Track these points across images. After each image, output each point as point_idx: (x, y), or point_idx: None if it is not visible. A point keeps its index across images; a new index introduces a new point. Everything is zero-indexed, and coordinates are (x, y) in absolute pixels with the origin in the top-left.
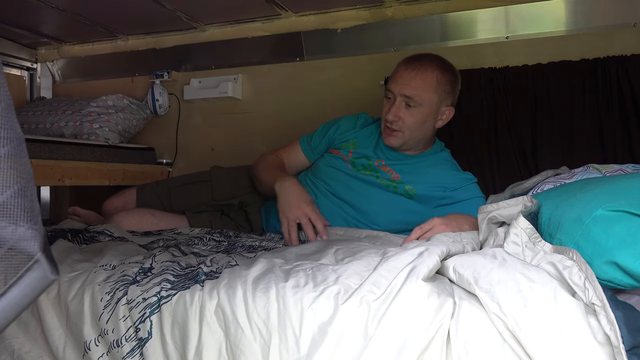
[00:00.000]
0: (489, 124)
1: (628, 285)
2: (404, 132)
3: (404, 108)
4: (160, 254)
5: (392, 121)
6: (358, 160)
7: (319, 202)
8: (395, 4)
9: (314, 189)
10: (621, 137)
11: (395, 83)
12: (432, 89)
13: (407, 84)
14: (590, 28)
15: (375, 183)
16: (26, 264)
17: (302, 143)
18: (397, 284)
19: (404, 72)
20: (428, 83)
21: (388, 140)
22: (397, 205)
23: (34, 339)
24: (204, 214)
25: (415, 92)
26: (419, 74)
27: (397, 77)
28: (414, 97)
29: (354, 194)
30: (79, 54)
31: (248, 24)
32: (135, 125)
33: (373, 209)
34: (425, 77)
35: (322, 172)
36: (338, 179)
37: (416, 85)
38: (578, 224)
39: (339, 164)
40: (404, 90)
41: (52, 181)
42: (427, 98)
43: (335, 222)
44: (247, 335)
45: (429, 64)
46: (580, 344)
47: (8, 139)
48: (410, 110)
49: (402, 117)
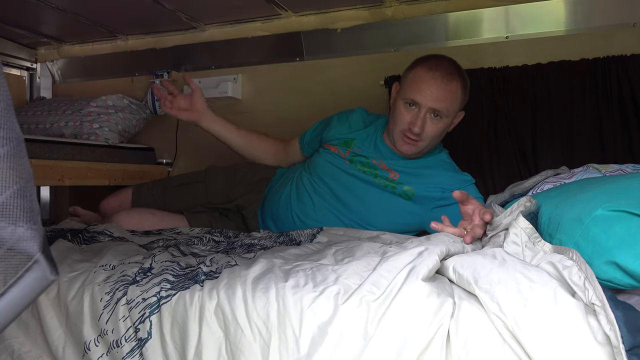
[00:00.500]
0: (489, 124)
1: (628, 285)
2: (425, 142)
3: (428, 119)
4: (160, 254)
5: (418, 133)
6: (356, 158)
7: (315, 202)
8: (395, 4)
9: (309, 189)
10: (621, 137)
11: (422, 95)
12: (458, 99)
13: (437, 99)
14: (590, 28)
15: (374, 183)
16: (26, 264)
17: (299, 138)
18: (396, 284)
19: (432, 83)
20: (455, 95)
21: (406, 148)
22: (395, 206)
23: (34, 339)
24: (202, 214)
25: (445, 106)
26: (447, 87)
27: (423, 88)
28: (442, 111)
29: (351, 195)
30: (79, 54)
31: (248, 24)
32: (135, 125)
33: (370, 209)
34: (452, 89)
35: (319, 168)
36: (335, 177)
37: (446, 99)
38: (578, 224)
39: (336, 160)
40: (435, 104)
41: (52, 181)
42: (453, 110)
43: (331, 223)
44: (247, 336)
45: (452, 73)
46: (580, 344)
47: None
48: (434, 121)
49: (425, 129)
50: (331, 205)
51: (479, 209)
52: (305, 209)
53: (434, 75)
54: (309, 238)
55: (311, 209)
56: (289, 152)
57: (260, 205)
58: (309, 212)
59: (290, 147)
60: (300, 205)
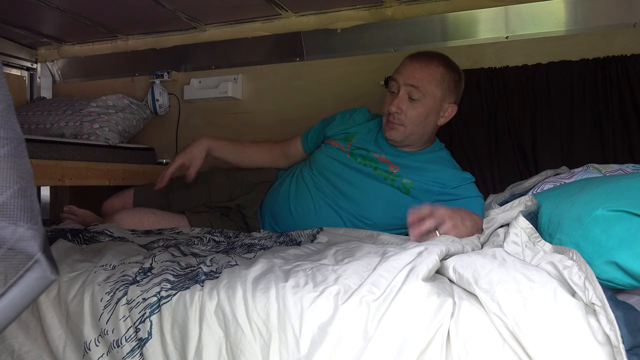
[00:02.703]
0: (489, 124)
1: (628, 285)
2: (406, 126)
3: (407, 101)
4: (160, 254)
5: (394, 113)
6: (357, 151)
7: (313, 195)
8: (395, 4)
9: (309, 183)
10: (621, 137)
11: (399, 74)
12: (437, 82)
13: (412, 75)
14: (590, 28)
15: (373, 175)
16: (26, 264)
17: (302, 136)
18: (396, 284)
19: (410, 64)
20: (432, 76)
21: (390, 134)
22: (393, 199)
23: (34, 339)
24: (203, 214)
25: (419, 83)
26: (425, 67)
27: (402, 69)
28: (418, 87)
29: (350, 186)
30: (79, 54)
31: (248, 24)
32: (135, 125)
33: (368, 201)
34: (430, 70)
35: (320, 163)
36: (335, 170)
37: (421, 77)
38: (578, 223)
39: (337, 154)
40: (408, 79)
41: (52, 181)
42: (431, 91)
43: (329, 219)
44: (247, 336)
45: (434, 59)
46: (580, 344)
47: (8, 139)
48: (413, 104)
49: (404, 111)
50: (329, 199)
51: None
52: (303, 202)
53: (414, 60)
54: (309, 238)
55: (310, 202)
56: (289, 151)
57: (260, 205)
58: (307, 205)
59: (290, 146)
60: (299, 198)
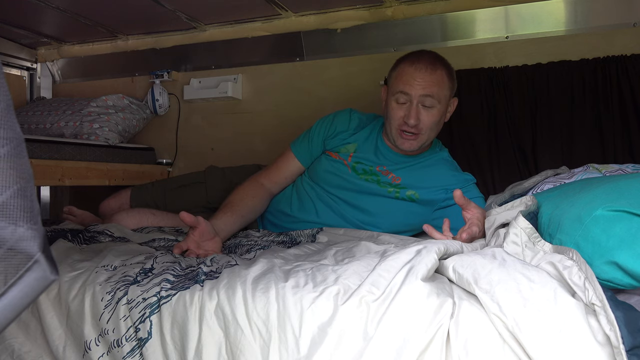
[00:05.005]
0: (489, 124)
1: (628, 285)
2: (423, 134)
3: (422, 110)
4: (162, 256)
5: (414, 125)
6: (358, 165)
7: (318, 209)
8: (395, 4)
9: (311, 194)
10: (621, 137)
11: (410, 86)
12: (445, 85)
13: (426, 85)
14: (590, 28)
15: (377, 190)
16: (26, 264)
17: (295, 150)
18: (396, 283)
19: (417, 73)
20: (441, 81)
21: (407, 145)
22: (400, 209)
23: (34, 339)
24: (201, 215)
25: (434, 91)
26: (433, 74)
27: (409, 80)
28: (433, 96)
29: (355, 201)
30: (79, 54)
31: (248, 24)
32: (135, 125)
33: (374, 213)
34: (438, 76)
35: (321, 178)
36: (337, 185)
37: (434, 85)
38: (578, 224)
39: (339, 168)
40: (424, 91)
41: (52, 181)
42: (443, 95)
43: (331, 220)
44: (247, 336)
45: (434, 62)
46: (580, 345)
47: (8, 139)
48: (428, 111)
49: (421, 120)
50: (333, 208)
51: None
52: (304, 203)
53: (418, 67)
54: (309, 238)
55: (310, 205)
56: (278, 179)
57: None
58: (308, 206)
59: (282, 170)
60: (299, 200)
